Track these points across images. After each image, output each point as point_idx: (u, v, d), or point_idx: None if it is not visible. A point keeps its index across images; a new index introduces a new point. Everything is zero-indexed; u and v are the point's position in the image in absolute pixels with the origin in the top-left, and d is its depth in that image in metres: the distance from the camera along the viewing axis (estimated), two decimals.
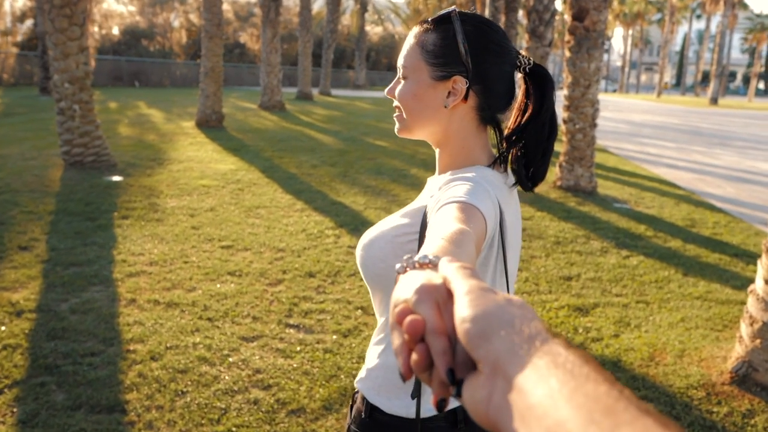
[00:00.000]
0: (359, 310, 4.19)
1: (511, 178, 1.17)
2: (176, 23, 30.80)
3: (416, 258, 0.56)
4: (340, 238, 5.81)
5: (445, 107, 1.11)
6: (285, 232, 5.94)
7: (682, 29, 74.31)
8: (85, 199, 6.84)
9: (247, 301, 4.27)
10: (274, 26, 16.80)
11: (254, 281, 4.65)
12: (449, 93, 1.10)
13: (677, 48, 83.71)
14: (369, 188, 8.10)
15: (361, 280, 4.83)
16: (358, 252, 1.18)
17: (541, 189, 8.29)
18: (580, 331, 4.02)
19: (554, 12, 12.04)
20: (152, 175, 8.24)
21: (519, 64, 1.14)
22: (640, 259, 5.52)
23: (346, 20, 40.98)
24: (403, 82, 1.14)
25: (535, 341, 0.41)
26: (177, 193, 7.30)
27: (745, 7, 52.15)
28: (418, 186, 8.29)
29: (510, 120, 1.17)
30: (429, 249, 0.68)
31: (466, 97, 1.10)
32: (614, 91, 71.81)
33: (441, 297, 0.47)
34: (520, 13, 18.01)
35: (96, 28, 26.64)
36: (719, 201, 8.44)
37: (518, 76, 1.17)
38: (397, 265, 0.55)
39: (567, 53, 8.02)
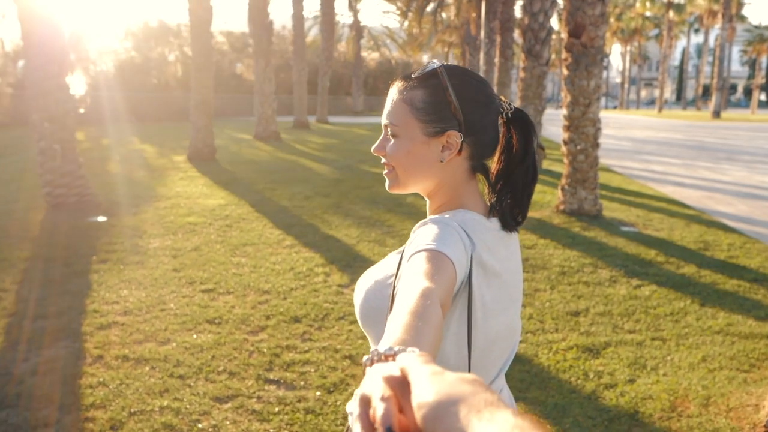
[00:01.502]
0: (347, 360, 3.81)
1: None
2: (172, 57, 30.78)
3: (382, 350, 0.59)
4: (330, 276, 5.45)
5: (441, 162, 1.12)
6: (272, 271, 5.58)
7: (680, 44, 74.47)
8: (63, 242, 6.51)
9: (225, 353, 3.90)
10: (267, 56, 16.62)
11: (234, 329, 4.28)
12: (443, 147, 1.11)
13: (676, 63, 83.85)
14: (363, 219, 7.75)
15: (351, 323, 4.46)
16: (354, 298, 1.20)
17: (543, 214, 7.91)
18: (591, 376, 3.63)
19: (550, 30, 11.79)
20: (138, 214, 7.92)
21: (501, 110, 1.15)
22: (653, 289, 5.13)
23: (342, 47, 41.04)
24: (393, 140, 1.13)
25: (485, 413, 0.43)
26: (161, 232, 6.97)
27: (742, 19, 52.06)
28: (414, 215, 7.94)
29: (493, 164, 1.18)
30: (394, 328, 0.72)
31: (459, 150, 1.11)
32: (615, 107, 71.62)
33: (400, 389, 0.50)
34: (516, 33, 17.85)
35: (91, 66, 26.60)
36: (732, 220, 8.05)
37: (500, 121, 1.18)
38: (365, 358, 0.59)
39: (565, 71, 7.70)
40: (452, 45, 37.56)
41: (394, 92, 1.14)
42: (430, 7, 25.87)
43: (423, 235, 1.01)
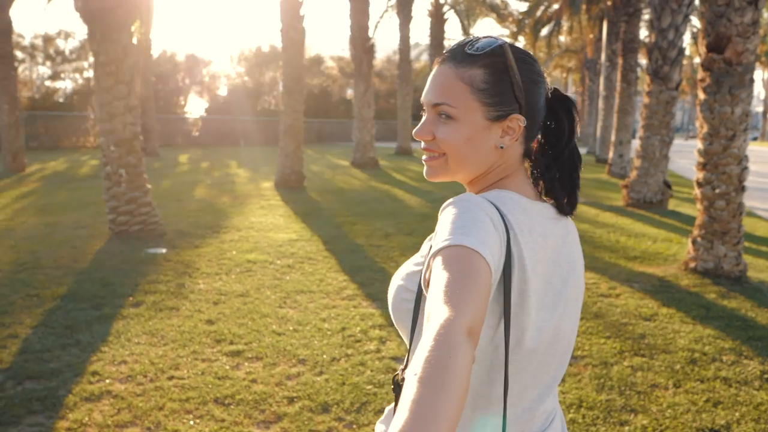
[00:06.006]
0: None
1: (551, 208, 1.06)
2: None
3: None
4: (385, 342, 4.38)
5: (501, 147, 1.03)
6: (318, 330, 4.60)
7: None
8: (106, 278, 5.90)
9: None
10: (367, 80, 15.99)
11: (243, 417, 3.32)
12: (503, 132, 1.02)
13: None
14: None
15: None
16: (388, 293, 1.10)
17: (667, 272, 6.39)
18: None
19: (682, 49, 10.20)
20: (200, 247, 7.27)
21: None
22: None
23: None
24: (449, 123, 1.02)
25: None
26: (215, 271, 6.22)
27: None
28: None
29: (534, 149, 1.08)
30: (404, 407, 0.61)
31: None
32: (754, 139, 65.22)
33: None
34: (640, 54, 16.14)
35: (205, 90, 27.40)
36: None
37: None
38: None
39: (701, 95, 6.22)
40: (571, 70, 35.72)
41: (446, 70, 1.02)
42: (545, 31, 24.41)
43: (444, 222, 0.89)
